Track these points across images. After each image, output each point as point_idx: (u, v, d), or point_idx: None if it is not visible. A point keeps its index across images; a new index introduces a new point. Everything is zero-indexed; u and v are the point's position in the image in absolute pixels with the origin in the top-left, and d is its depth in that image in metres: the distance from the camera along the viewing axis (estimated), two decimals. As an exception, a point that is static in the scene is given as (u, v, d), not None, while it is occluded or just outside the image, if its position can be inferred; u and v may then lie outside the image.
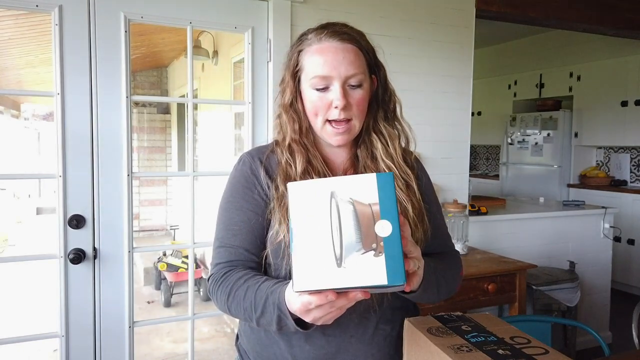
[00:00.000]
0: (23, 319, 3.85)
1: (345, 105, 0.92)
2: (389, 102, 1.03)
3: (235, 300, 0.90)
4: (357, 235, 0.65)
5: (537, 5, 2.86)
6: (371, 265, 0.63)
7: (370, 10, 2.43)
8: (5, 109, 7.45)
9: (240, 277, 0.92)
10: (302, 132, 0.99)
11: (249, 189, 0.99)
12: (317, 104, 0.95)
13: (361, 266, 0.63)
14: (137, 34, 4.23)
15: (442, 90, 2.66)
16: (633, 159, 5.02)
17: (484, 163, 6.90)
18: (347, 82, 0.93)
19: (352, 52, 0.94)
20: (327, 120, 0.95)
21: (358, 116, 0.96)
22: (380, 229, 0.64)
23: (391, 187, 0.66)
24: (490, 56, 5.96)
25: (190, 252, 2.09)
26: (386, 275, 0.62)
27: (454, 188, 2.69)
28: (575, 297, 2.77)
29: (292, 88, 0.98)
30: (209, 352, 3.26)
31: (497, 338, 0.82)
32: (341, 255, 0.64)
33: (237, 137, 4.17)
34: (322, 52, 0.93)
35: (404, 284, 0.63)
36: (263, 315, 0.84)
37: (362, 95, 0.95)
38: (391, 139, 1.01)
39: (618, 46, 4.58)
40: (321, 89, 0.93)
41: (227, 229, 0.98)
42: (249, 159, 1.02)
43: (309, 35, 0.97)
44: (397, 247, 0.63)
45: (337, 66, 0.92)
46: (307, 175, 0.96)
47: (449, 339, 0.81)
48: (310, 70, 0.94)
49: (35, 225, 7.94)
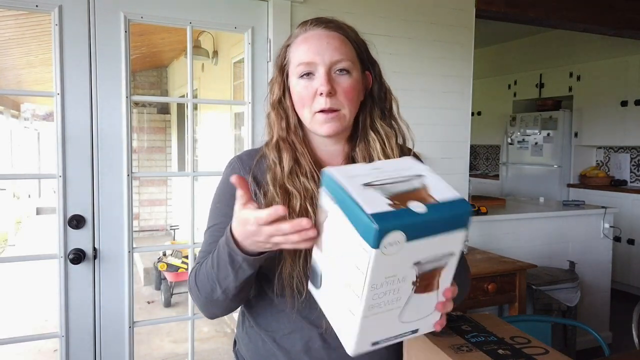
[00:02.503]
0: (23, 319, 3.85)
1: (329, 91, 0.88)
2: (384, 99, 0.99)
3: (200, 274, 0.87)
4: (397, 190, 0.65)
5: (537, 5, 2.86)
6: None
7: (370, 10, 2.43)
8: (5, 109, 7.45)
9: (203, 261, 0.90)
10: (290, 128, 0.95)
11: (233, 196, 0.95)
12: (302, 94, 0.91)
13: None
14: (137, 34, 4.23)
15: (442, 90, 2.66)
16: (633, 159, 5.01)
17: (484, 163, 6.90)
18: (333, 68, 0.89)
19: (337, 39, 0.91)
20: (314, 112, 0.91)
21: (347, 106, 0.91)
22: (415, 206, 0.62)
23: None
24: (490, 56, 5.96)
25: (190, 252, 2.09)
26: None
27: (454, 188, 2.69)
28: (575, 297, 2.77)
29: (280, 84, 0.95)
30: (209, 352, 3.26)
31: (497, 338, 0.82)
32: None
33: (237, 137, 4.17)
34: (306, 40, 0.91)
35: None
36: (219, 266, 0.81)
37: (350, 84, 0.90)
38: (388, 137, 0.97)
39: (618, 46, 4.58)
40: (306, 75, 0.90)
41: (211, 234, 0.96)
42: (238, 164, 0.98)
43: (296, 30, 0.95)
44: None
45: (320, 51, 0.89)
46: (293, 176, 0.92)
47: (450, 339, 0.81)
48: (295, 60, 0.92)
49: (35, 225, 7.95)
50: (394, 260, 0.60)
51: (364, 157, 0.97)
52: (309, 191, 0.90)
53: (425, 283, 0.66)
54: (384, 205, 0.60)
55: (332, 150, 0.98)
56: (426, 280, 0.66)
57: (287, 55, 0.95)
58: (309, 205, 0.89)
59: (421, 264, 0.63)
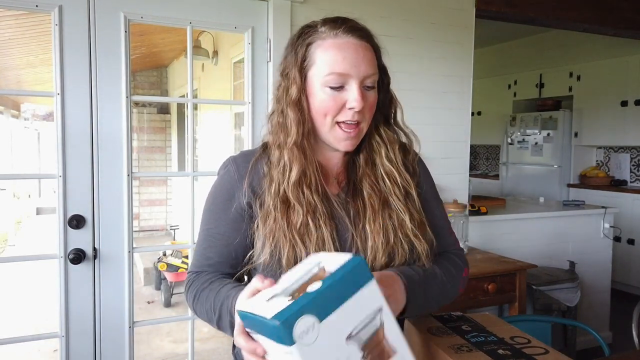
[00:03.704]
0: (23, 319, 3.85)
1: (362, 108, 0.86)
2: (389, 106, 0.98)
3: (200, 302, 0.90)
4: (297, 286, 0.64)
5: (537, 5, 2.86)
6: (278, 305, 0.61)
7: (370, 10, 2.43)
8: (5, 109, 7.45)
9: (207, 279, 0.92)
10: (305, 134, 0.90)
11: (228, 201, 0.94)
12: (328, 104, 0.87)
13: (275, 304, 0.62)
14: (137, 34, 4.23)
15: (442, 90, 2.66)
16: (633, 159, 5.01)
17: (484, 163, 6.90)
18: (364, 82, 0.87)
19: (370, 51, 0.89)
20: (336, 122, 0.88)
21: (367, 120, 0.91)
22: (312, 287, 0.61)
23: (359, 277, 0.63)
24: (490, 56, 5.96)
25: (190, 252, 2.09)
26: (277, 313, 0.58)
27: (454, 188, 2.69)
28: (575, 297, 2.77)
29: (299, 85, 0.88)
30: (209, 352, 3.26)
31: (497, 338, 0.82)
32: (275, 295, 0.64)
33: (237, 137, 4.17)
34: (340, 48, 0.86)
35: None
36: (220, 319, 0.85)
37: (374, 98, 0.90)
38: (391, 143, 0.96)
39: (618, 46, 4.58)
40: (336, 87, 0.86)
41: (205, 238, 0.96)
42: (234, 167, 0.95)
43: (321, 28, 0.89)
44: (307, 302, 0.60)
45: (356, 64, 0.85)
46: (298, 188, 0.89)
47: (449, 339, 0.81)
48: (324, 66, 0.86)
49: (35, 225, 7.95)
50: (321, 347, 0.58)
51: (366, 161, 0.96)
52: (312, 204, 0.88)
53: (376, 351, 0.63)
54: (284, 303, 0.59)
55: (333, 154, 0.97)
56: (375, 348, 0.63)
57: (311, 56, 0.89)
58: (310, 220, 0.87)
59: (354, 335, 0.61)
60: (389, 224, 0.91)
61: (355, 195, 0.94)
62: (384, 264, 0.90)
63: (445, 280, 0.94)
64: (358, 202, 0.93)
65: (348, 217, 0.92)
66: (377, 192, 0.93)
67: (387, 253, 0.90)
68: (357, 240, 0.91)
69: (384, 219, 0.91)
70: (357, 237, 0.91)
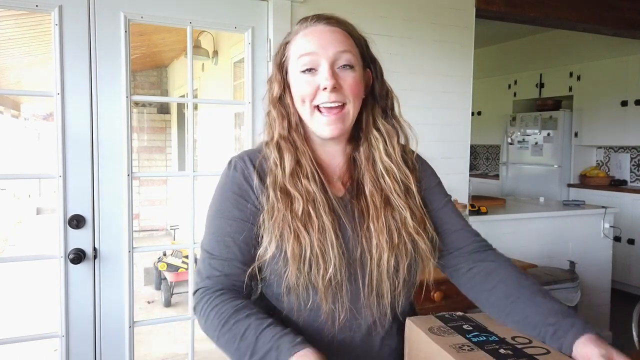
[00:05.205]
0: (23, 319, 3.85)
1: (334, 86, 0.85)
2: (386, 98, 0.97)
3: (231, 333, 0.81)
4: None
5: (537, 5, 2.86)
6: None
7: (370, 10, 2.43)
8: (5, 109, 7.45)
9: (240, 308, 0.83)
10: (292, 127, 0.92)
11: (242, 198, 0.91)
12: (304, 89, 0.87)
13: None
14: (137, 34, 4.23)
15: (442, 90, 2.66)
16: (633, 159, 5.02)
17: (484, 163, 6.90)
18: (336, 62, 0.87)
19: (340, 34, 0.89)
20: (315, 106, 0.88)
21: (352, 101, 0.88)
22: None
23: None
24: (490, 56, 5.96)
25: (190, 252, 2.09)
26: None
27: (454, 188, 2.69)
28: (575, 297, 2.77)
29: (280, 81, 0.92)
30: (209, 352, 3.23)
31: (498, 338, 0.82)
32: None
33: (237, 137, 4.17)
34: (307, 35, 0.89)
35: None
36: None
37: (354, 78, 0.88)
38: (390, 137, 0.95)
39: (618, 46, 4.58)
40: (308, 70, 0.87)
41: (218, 240, 0.90)
42: (242, 164, 0.94)
43: (296, 27, 0.93)
44: None
45: (324, 45, 0.86)
46: (295, 178, 0.88)
47: (451, 339, 0.81)
48: (295, 54, 0.89)
49: (35, 225, 7.94)
50: None
51: (367, 158, 0.95)
52: (310, 194, 0.88)
53: None
54: None
55: (333, 151, 0.96)
56: None
57: (287, 52, 0.92)
58: (311, 209, 0.87)
59: None
60: (392, 223, 0.91)
61: (358, 195, 0.94)
62: (393, 267, 0.89)
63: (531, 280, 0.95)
64: (361, 202, 0.93)
65: (353, 218, 0.92)
66: (379, 190, 0.93)
67: (394, 254, 0.89)
68: (362, 240, 0.90)
69: (386, 217, 0.91)
70: (362, 237, 0.90)
